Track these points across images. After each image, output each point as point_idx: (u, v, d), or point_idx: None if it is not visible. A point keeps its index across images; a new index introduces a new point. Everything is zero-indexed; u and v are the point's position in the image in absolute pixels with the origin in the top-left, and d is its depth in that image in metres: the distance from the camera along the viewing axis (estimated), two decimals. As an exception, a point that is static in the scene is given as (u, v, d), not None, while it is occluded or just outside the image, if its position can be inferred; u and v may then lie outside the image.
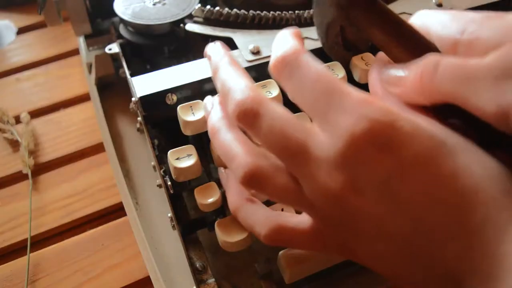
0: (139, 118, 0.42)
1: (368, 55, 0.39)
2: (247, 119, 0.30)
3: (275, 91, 0.39)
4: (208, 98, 0.37)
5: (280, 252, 0.35)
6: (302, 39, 0.33)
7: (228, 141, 0.31)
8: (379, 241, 0.28)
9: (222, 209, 0.37)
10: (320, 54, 0.43)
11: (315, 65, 0.29)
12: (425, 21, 0.32)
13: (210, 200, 0.36)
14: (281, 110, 0.30)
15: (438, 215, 0.26)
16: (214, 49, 0.36)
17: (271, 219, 0.31)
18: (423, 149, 0.26)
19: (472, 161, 0.26)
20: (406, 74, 0.29)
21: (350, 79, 0.39)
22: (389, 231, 0.27)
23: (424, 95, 0.28)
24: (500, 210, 0.25)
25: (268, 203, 0.35)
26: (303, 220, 0.31)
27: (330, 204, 0.28)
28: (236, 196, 0.34)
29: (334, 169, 0.27)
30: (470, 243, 0.25)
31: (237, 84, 0.31)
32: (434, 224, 0.26)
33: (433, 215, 0.26)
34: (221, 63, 0.34)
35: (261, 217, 0.31)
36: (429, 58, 0.28)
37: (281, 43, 0.31)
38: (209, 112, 0.35)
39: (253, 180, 0.30)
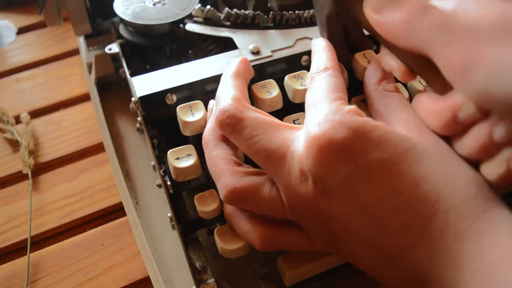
0: (139, 118, 0.42)
1: (370, 53, 0.39)
2: (228, 126, 0.32)
3: (275, 91, 0.39)
4: (211, 103, 0.38)
5: (280, 256, 0.36)
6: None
7: (214, 157, 0.33)
8: (351, 241, 0.29)
9: (222, 216, 0.37)
10: (320, 54, 0.43)
11: (327, 79, 0.32)
12: None
13: (210, 207, 0.36)
14: (261, 118, 0.32)
15: (400, 221, 0.27)
16: (233, 62, 0.38)
17: (262, 226, 0.32)
18: (388, 155, 0.27)
19: (438, 168, 0.27)
20: (398, 14, 0.29)
21: (351, 77, 0.39)
22: (357, 232, 0.28)
23: (404, 38, 0.29)
24: (460, 219, 0.25)
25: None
26: (291, 223, 0.32)
27: (306, 208, 0.29)
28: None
29: (304, 176, 0.28)
30: (433, 250, 0.26)
31: (225, 94, 0.34)
32: (397, 229, 0.27)
33: (395, 220, 0.27)
34: (224, 73, 0.37)
35: (254, 225, 0.33)
36: (420, 3, 0.28)
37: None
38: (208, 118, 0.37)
39: (236, 199, 0.31)
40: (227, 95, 0.33)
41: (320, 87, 0.32)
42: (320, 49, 0.36)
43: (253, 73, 0.38)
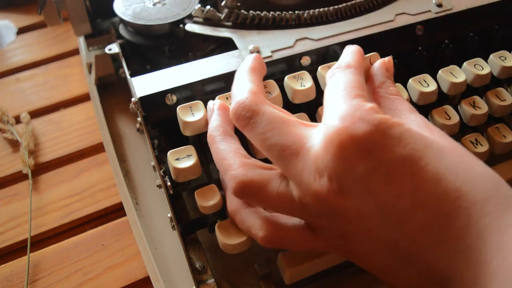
0: (139, 119, 0.42)
1: (375, 55, 0.38)
2: (243, 119, 0.31)
3: (275, 92, 0.39)
4: (210, 103, 0.37)
5: (280, 253, 0.35)
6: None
7: (222, 151, 0.33)
8: (364, 241, 0.28)
9: (222, 211, 0.37)
10: (319, 54, 0.43)
11: (348, 76, 0.31)
12: None
13: (211, 202, 0.36)
14: (276, 113, 0.31)
15: (419, 219, 0.26)
16: (247, 58, 0.37)
17: (267, 221, 0.32)
18: (408, 151, 0.26)
19: (457, 164, 0.27)
20: None
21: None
22: (375, 231, 0.28)
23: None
24: (482, 216, 0.25)
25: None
26: (299, 221, 0.32)
27: (319, 206, 0.28)
28: (234, 200, 0.34)
29: (320, 173, 0.28)
30: (455, 248, 0.25)
31: (241, 87, 0.33)
32: (417, 228, 0.26)
33: (415, 218, 0.26)
34: (239, 69, 0.36)
35: (258, 220, 0.32)
36: None
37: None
38: (209, 118, 0.36)
39: (244, 191, 0.31)
40: (244, 88, 0.33)
41: (340, 83, 0.31)
42: (349, 51, 0.35)
43: (266, 70, 0.38)
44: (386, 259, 0.28)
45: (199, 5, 0.46)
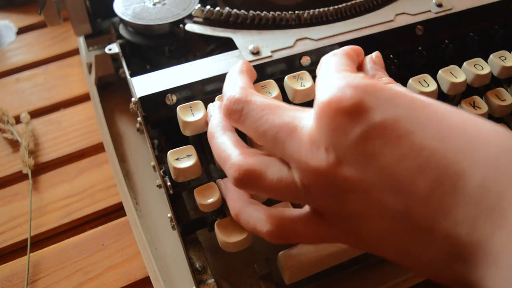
0: (139, 119, 0.42)
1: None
2: (235, 112, 0.31)
3: (275, 92, 0.39)
4: (211, 105, 0.38)
5: (280, 253, 0.35)
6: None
7: (221, 143, 0.32)
8: (373, 219, 0.26)
9: (221, 210, 0.37)
10: (320, 54, 0.43)
11: (336, 58, 0.31)
12: None
13: (210, 200, 0.36)
14: (267, 100, 0.31)
15: (427, 181, 0.24)
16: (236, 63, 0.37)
17: (272, 215, 0.31)
18: (403, 110, 0.25)
19: (464, 119, 0.25)
20: None
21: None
22: (380, 203, 0.25)
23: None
24: (501, 174, 0.22)
25: (268, 205, 0.35)
26: (304, 210, 0.30)
27: (322, 183, 0.27)
28: (236, 201, 0.34)
29: (316, 146, 0.27)
30: (474, 211, 0.23)
31: (231, 85, 0.33)
32: (426, 191, 0.24)
33: (422, 181, 0.24)
34: (229, 72, 0.36)
35: (263, 216, 0.31)
36: None
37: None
38: (209, 119, 0.36)
39: (246, 179, 0.30)
40: (234, 85, 0.33)
41: (330, 64, 0.30)
42: (340, 49, 0.34)
43: (256, 75, 0.38)
44: (400, 237, 0.26)
45: (199, 5, 0.46)
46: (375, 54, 0.36)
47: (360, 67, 0.36)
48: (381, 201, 0.25)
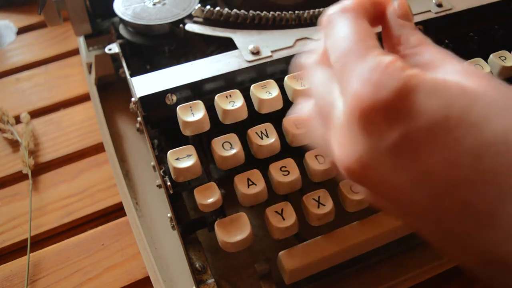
0: (139, 118, 0.42)
1: None
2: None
3: (275, 92, 0.39)
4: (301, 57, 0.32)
5: (280, 253, 0.35)
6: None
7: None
8: (410, 216, 0.25)
9: (221, 209, 0.37)
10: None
11: (350, 24, 0.27)
12: None
13: (210, 200, 0.36)
14: (321, 73, 0.28)
15: (460, 199, 0.22)
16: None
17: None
18: (441, 116, 0.22)
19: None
20: None
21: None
22: (417, 206, 0.24)
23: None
24: None
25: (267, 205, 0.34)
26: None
27: (353, 178, 0.26)
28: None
29: (345, 143, 0.25)
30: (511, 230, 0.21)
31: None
32: (458, 208, 0.22)
33: (455, 197, 0.22)
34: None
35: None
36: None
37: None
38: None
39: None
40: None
41: (344, 37, 0.26)
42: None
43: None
44: (434, 236, 0.25)
45: (199, 5, 0.46)
46: (399, 4, 0.30)
47: (379, 19, 0.31)
48: (417, 201, 0.24)
